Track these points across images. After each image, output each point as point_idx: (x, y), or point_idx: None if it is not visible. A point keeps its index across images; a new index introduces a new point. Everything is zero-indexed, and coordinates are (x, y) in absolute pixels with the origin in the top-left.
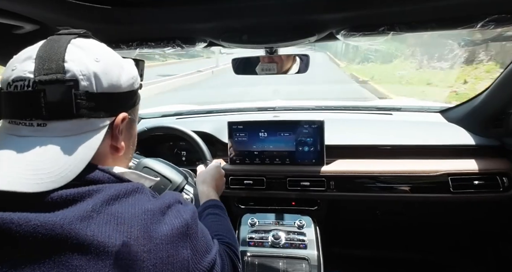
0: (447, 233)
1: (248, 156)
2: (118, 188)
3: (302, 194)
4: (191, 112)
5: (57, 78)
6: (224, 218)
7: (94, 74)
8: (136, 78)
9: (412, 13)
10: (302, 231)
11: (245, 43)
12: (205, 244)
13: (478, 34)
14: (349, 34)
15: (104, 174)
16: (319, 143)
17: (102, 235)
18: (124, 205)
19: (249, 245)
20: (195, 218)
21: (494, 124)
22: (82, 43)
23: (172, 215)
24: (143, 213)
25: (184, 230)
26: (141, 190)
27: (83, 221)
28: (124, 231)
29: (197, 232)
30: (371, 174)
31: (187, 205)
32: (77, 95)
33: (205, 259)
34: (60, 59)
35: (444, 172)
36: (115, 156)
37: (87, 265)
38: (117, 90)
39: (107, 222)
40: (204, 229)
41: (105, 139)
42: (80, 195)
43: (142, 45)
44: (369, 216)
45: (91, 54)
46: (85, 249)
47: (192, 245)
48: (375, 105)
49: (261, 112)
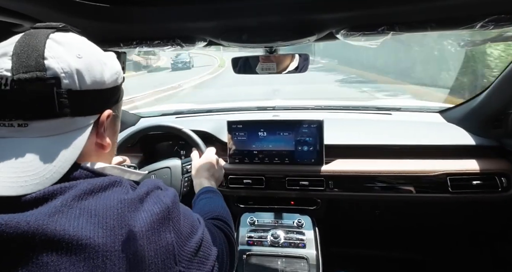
0: (446, 233)
1: (247, 156)
2: (93, 183)
3: (301, 193)
4: (190, 111)
5: (37, 76)
6: (215, 198)
7: (77, 71)
8: (119, 73)
9: (412, 13)
10: (301, 230)
11: (245, 42)
12: (189, 226)
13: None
14: (349, 33)
15: (80, 170)
16: (319, 142)
17: (74, 228)
18: (99, 199)
19: (248, 244)
20: (176, 202)
21: (493, 124)
22: (62, 38)
23: (151, 201)
24: (118, 203)
25: (165, 214)
26: (119, 183)
27: (51, 217)
28: (98, 222)
29: (179, 215)
30: (370, 174)
31: (167, 190)
32: (59, 93)
33: (191, 240)
34: (40, 56)
35: (443, 172)
36: (100, 155)
37: (59, 261)
38: (101, 86)
39: (80, 216)
40: (187, 210)
41: (90, 137)
42: (51, 193)
43: (141, 44)
44: (368, 215)
45: (73, 50)
46: (55, 245)
47: (175, 229)
48: (375, 105)
49: (260, 112)
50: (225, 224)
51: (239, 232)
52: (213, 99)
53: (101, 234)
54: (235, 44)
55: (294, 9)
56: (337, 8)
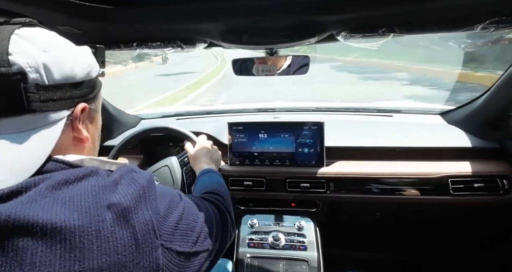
0: (447, 236)
1: (248, 157)
2: (68, 173)
3: (302, 195)
4: (191, 112)
5: (2, 72)
6: (212, 175)
7: (44, 65)
8: (93, 66)
9: (413, 15)
10: (302, 232)
11: (245, 44)
12: (167, 202)
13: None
14: (350, 35)
15: (56, 164)
16: (319, 144)
17: (48, 214)
18: (74, 188)
19: (248, 247)
20: (152, 182)
21: (494, 126)
22: (27, 33)
23: (126, 183)
24: (93, 188)
25: (140, 193)
26: (95, 173)
27: (24, 205)
28: (73, 206)
29: (155, 193)
30: (371, 176)
31: (142, 172)
32: (26, 88)
33: (170, 215)
34: (4, 51)
35: (444, 175)
36: (80, 148)
37: (36, 245)
38: (71, 80)
39: (53, 203)
40: (164, 188)
41: (65, 131)
42: (25, 186)
43: (142, 46)
44: (369, 218)
45: (38, 44)
46: (29, 230)
47: (152, 206)
48: (375, 107)
49: (261, 113)
50: (216, 196)
51: (239, 234)
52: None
53: (76, 217)
54: (235, 46)
55: (295, 10)
56: (337, 10)
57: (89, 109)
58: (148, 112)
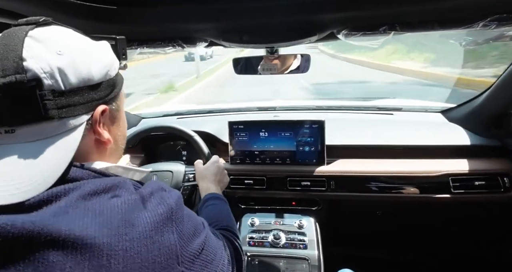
0: (448, 234)
1: (248, 156)
2: (97, 183)
3: (302, 194)
4: (191, 111)
5: (16, 79)
6: (222, 205)
7: (59, 69)
8: (110, 65)
9: (413, 13)
10: (302, 231)
11: (246, 43)
12: (192, 228)
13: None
14: (350, 34)
15: (83, 171)
16: (320, 143)
17: (79, 228)
18: (103, 200)
19: (249, 245)
20: (180, 203)
21: (495, 124)
22: (41, 34)
23: (155, 202)
24: (122, 203)
25: (168, 215)
26: (123, 184)
27: (56, 217)
28: (103, 222)
29: (182, 216)
30: (371, 174)
31: (171, 192)
32: (42, 95)
33: (194, 242)
34: (18, 57)
35: (445, 173)
36: (102, 151)
37: (65, 260)
38: (89, 83)
39: (84, 215)
40: (191, 213)
41: (86, 136)
42: (55, 194)
43: (143, 45)
44: (370, 216)
45: (52, 46)
46: (61, 244)
47: (178, 230)
48: (376, 105)
49: (261, 112)
50: (234, 236)
51: (240, 233)
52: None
53: (106, 234)
54: (236, 45)
55: (295, 9)
56: (338, 8)
57: (110, 110)
58: (148, 111)
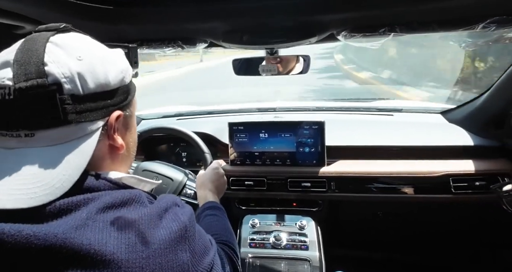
0: (448, 235)
1: (248, 157)
2: (115, 196)
3: (303, 195)
4: (191, 113)
5: (38, 83)
6: (222, 217)
7: (78, 74)
8: (126, 71)
9: (413, 14)
10: (303, 232)
11: (246, 43)
12: (203, 246)
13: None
14: (350, 35)
15: (100, 181)
16: (320, 144)
17: (99, 243)
18: (120, 213)
19: (250, 247)
20: (193, 220)
21: (495, 125)
22: (62, 40)
23: (170, 218)
24: (139, 219)
25: (182, 233)
26: (138, 198)
27: (78, 230)
28: (121, 238)
29: (195, 234)
30: (372, 175)
31: (184, 207)
32: (62, 100)
33: (204, 260)
34: (39, 62)
35: (445, 173)
36: (115, 157)
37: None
38: (105, 88)
39: (103, 230)
40: (201, 230)
41: (101, 141)
42: (75, 204)
43: (142, 46)
44: (371, 217)
45: (73, 52)
46: (81, 259)
47: (191, 248)
48: (376, 106)
49: (261, 113)
50: (233, 252)
51: (241, 235)
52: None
53: (124, 250)
54: (236, 46)
55: (295, 10)
56: (338, 10)
57: (124, 116)
58: (148, 113)
